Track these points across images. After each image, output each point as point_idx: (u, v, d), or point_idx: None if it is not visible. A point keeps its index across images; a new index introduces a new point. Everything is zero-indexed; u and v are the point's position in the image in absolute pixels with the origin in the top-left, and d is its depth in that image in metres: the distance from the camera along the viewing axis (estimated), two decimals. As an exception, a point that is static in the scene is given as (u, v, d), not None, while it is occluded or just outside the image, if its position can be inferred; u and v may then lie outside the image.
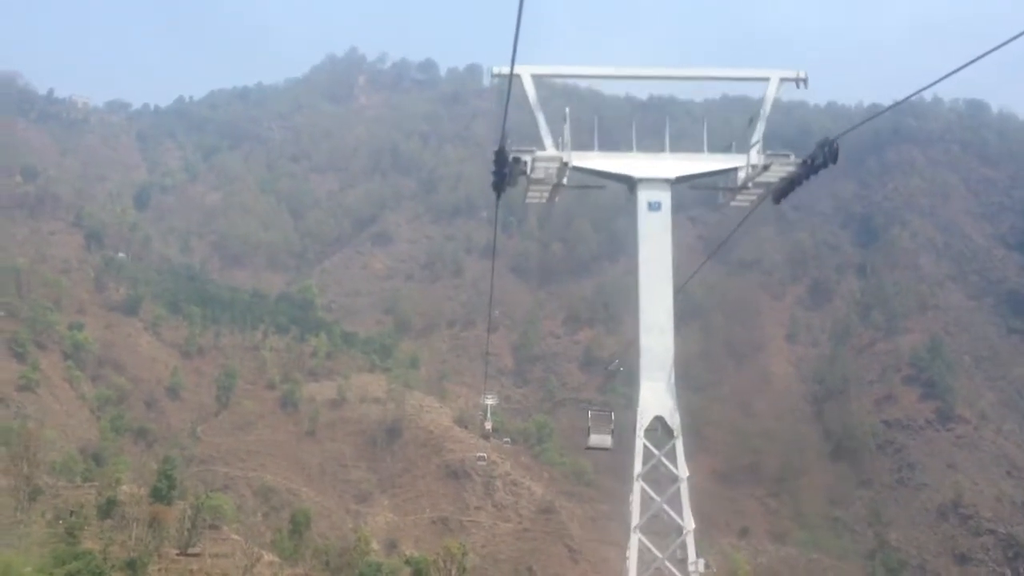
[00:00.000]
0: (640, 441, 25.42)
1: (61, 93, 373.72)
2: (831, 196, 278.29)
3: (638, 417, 25.23)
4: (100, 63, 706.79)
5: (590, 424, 30.85)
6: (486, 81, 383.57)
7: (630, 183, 27.17)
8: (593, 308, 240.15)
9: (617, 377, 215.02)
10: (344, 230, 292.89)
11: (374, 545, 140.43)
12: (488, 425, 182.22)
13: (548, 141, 25.91)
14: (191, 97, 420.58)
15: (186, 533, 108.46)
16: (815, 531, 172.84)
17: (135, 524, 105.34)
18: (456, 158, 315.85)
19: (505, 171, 24.21)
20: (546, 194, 27.03)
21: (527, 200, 27.29)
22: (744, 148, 27.69)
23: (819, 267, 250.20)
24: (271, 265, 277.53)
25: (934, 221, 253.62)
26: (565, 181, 26.36)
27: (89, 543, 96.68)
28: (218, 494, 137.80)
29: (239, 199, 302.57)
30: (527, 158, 25.25)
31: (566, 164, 25.87)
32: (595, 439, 31.87)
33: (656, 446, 25.54)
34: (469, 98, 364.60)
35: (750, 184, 27.00)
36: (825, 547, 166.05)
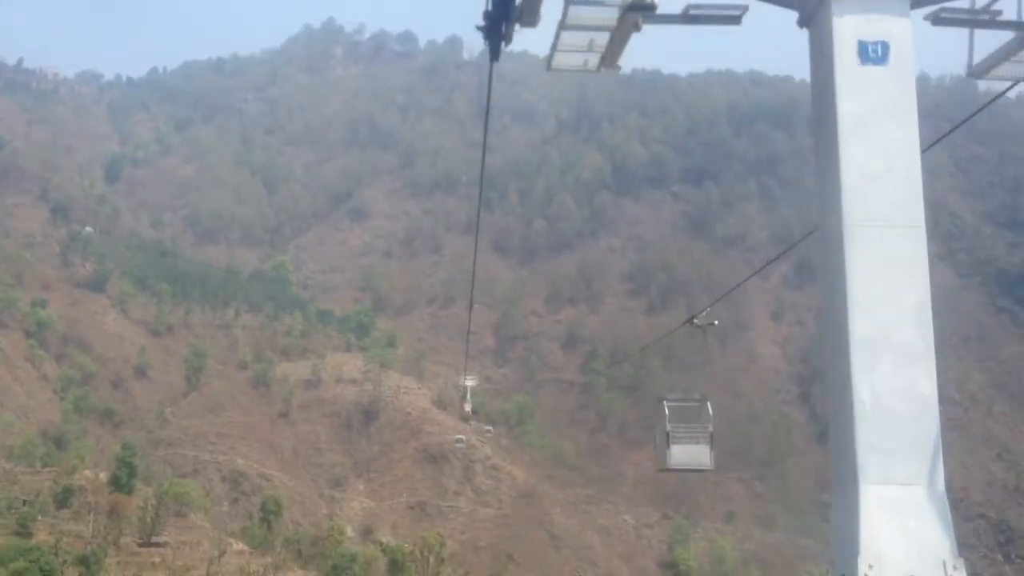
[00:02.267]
0: None
1: (31, 64, 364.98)
2: (815, 172, 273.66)
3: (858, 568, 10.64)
4: (71, 34, 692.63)
5: (669, 428, 19.00)
6: (466, 54, 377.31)
7: (806, 6, 12.34)
8: (576, 286, 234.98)
9: (597, 357, 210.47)
10: (320, 205, 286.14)
11: (349, 532, 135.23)
12: (467, 407, 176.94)
13: None
14: (165, 68, 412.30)
15: (149, 522, 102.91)
16: (803, 516, 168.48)
17: (93, 514, 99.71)
18: (435, 131, 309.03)
19: None
20: (600, 47, 11.40)
21: (554, 64, 11.79)
22: None
23: (805, 245, 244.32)
24: (245, 240, 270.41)
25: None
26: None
27: (42, 535, 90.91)
28: (185, 480, 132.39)
29: (212, 173, 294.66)
30: None
31: None
32: (681, 454, 19.16)
33: None
34: (449, 71, 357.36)
35: None
36: (813, 532, 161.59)
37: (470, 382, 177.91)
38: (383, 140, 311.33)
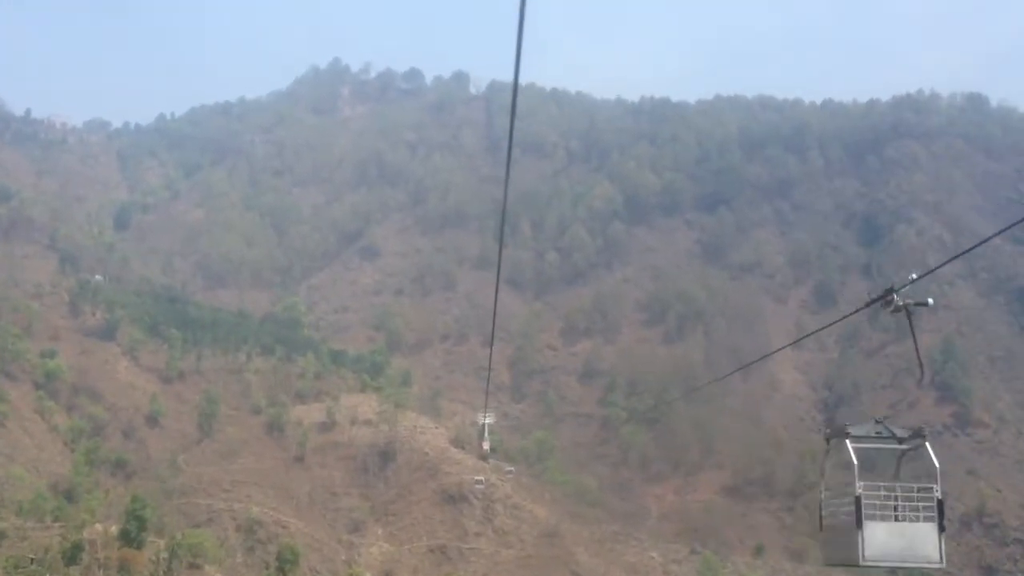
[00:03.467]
0: None
1: (39, 114, 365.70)
2: (831, 195, 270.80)
3: None
4: (79, 83, 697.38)
5: (860, 490, 13.30)
6: (473, 88, 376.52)
7: None
8: (591, 318, 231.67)
9: (615, 389, 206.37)
10: (330, 245, 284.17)
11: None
12: (486, 445, 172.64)
13: None
14: (172, 114, 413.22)
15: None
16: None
17: (102, 571, 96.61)
18: (445, 167, 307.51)
19: None
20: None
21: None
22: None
23: (822, 269, 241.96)
24: (256, 283, 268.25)
25: (940, 218, 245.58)
26: None
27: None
28: (199, 530, 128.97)
29: (222, 216, 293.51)
30: None
31: None
32: (887, 539, 13.08)
33: None
34: (456, 106, 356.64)
35: None
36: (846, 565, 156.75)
37: (488, 420, 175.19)
38: (392, 178, 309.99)
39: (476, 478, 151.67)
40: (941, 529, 12.95)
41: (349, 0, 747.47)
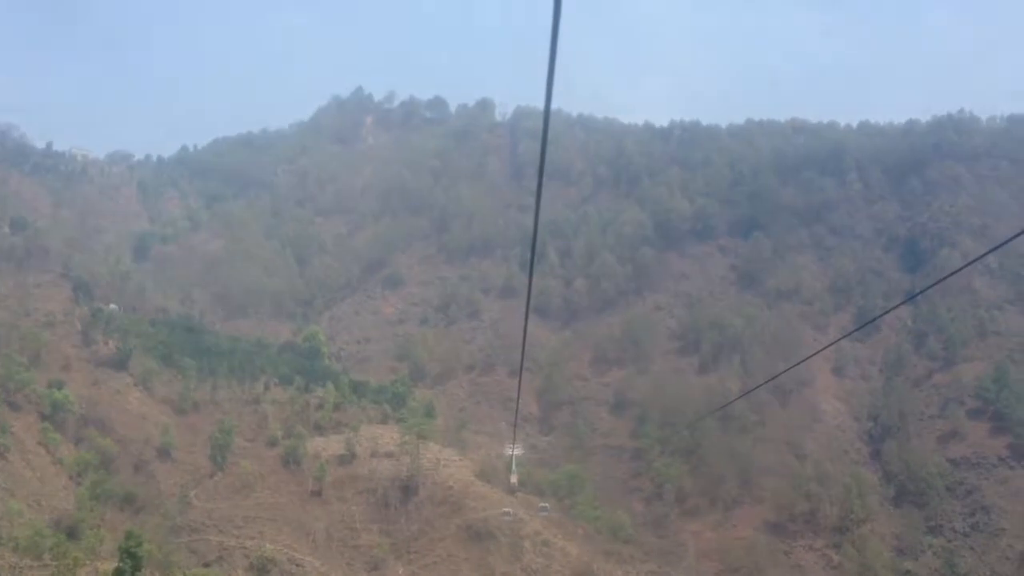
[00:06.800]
0: None
1: (61, 147, 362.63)
2: (870, 219, 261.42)
3: None
4: (102, 119, 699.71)
5: None
6: (498, 115, 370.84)
7: None
8: (622, 347, 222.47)
9: (648, 420, 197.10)
10: (353, 275, 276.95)
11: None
12: (514, 478, 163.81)
13: None
14: (195, 146, 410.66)
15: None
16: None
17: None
18: (469, 195, 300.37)
19: None
20: None
21: None
22: None
23: (864, 295, 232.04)
24: (277, 314, 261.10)
25: (986, 241, 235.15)
26: None
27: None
28: (206, 569, 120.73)
29: (242, 246, 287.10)
30: None
31: None
32: None
33: None
34: (480, 134, 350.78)
35: None
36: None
37: (516, 451, 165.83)
38: (416, 206, 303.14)
39: (504, 510, 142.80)
40: None
41: (372, 30, 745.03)
